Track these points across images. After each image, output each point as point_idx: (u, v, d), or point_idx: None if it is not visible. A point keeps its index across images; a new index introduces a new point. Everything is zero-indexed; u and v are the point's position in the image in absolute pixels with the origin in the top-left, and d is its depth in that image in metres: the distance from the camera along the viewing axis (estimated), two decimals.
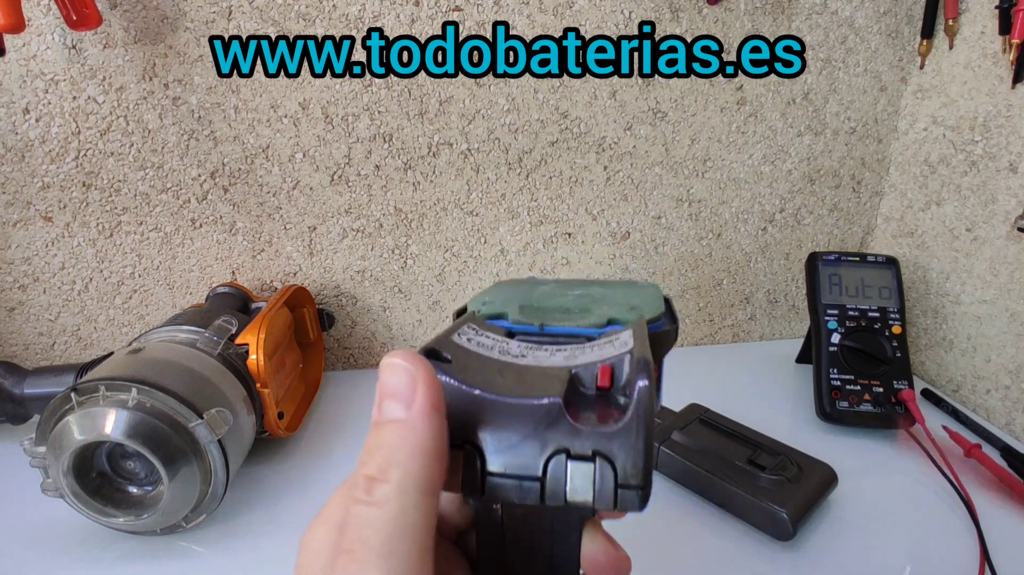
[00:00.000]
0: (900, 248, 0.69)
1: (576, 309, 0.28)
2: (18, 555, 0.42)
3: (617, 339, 0.22)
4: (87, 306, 0.61)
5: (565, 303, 0.29)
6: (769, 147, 0.67)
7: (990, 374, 0.60)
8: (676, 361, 0.72)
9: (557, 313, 0.27)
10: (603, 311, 0.27)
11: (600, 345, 0.22)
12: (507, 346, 0.23)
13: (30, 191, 0.56)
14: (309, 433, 0.56)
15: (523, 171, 0.63)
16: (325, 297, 0.65)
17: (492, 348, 0.22)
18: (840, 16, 0.63)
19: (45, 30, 0.52)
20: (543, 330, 0.25)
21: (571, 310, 0.28)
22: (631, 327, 0.24)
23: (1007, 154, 0.57)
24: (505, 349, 0.22)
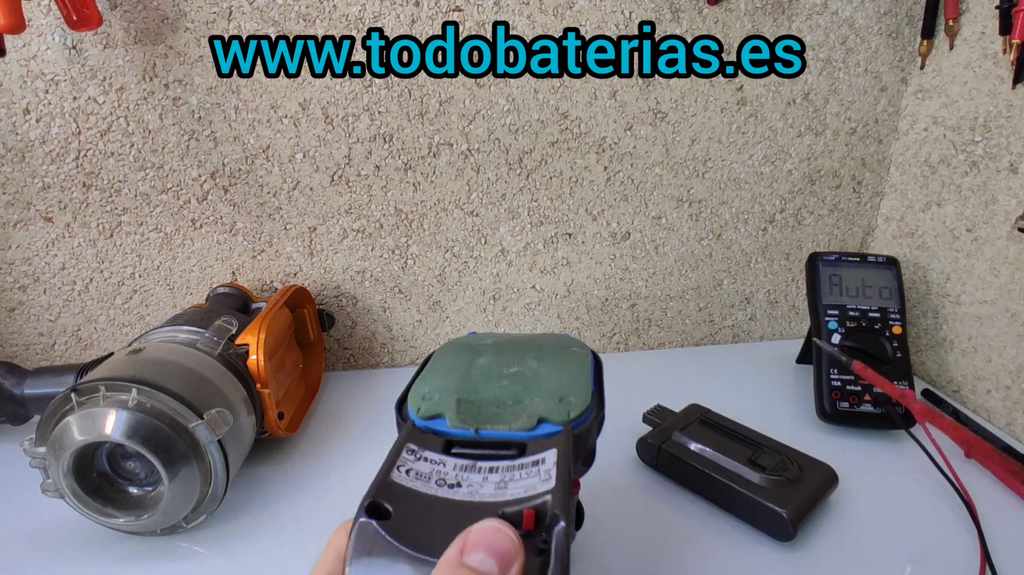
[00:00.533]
0: (900, 248, 0.69)
1: (509, 401, 0.31)
2: (18, 556, 0.42)
3: (543, 460, 0.26)
4: (87, 306, 0.61)
5: (498, 392, 0.32)
6: (769, 147, 0.67)
7: (991, 374, 0.60)
8: (676, 361, 0.72)
9: (492, 408, 0.31)
10: (535, 405, 0.30)
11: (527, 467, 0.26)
12: (444, 471, 0.26)
13: (30, 191, 0.56)
14: (309, 433, 0.56)
15: (523, 171, 0.63)
16: (325, 297, 0.65)
17: (430, 479, 0.25)
18: (840, 16, 0.63)
19: (45, 30, 0.52)
20: (478, 434, 0.28)
21: (504, 403, 0.31)
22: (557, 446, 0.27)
23: (1008, 154, 0.57)
24: (442, 476, 0.25)
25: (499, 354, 0.36)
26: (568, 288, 0.69)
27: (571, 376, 0.34)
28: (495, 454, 0.27)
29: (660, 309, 0.72)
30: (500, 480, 0.25)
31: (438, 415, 0.30)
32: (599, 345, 0.72)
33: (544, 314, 0.69)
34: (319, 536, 0.46)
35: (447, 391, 0.32)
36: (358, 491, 0.51)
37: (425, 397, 0.32)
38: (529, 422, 0.29)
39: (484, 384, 0.33)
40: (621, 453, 0.53)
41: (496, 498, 0.24)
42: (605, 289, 0.70)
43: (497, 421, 0.30)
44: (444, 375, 0.34)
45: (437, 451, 0.27)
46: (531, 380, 0.33)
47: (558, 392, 0.32)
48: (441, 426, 0.29)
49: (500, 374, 0.34)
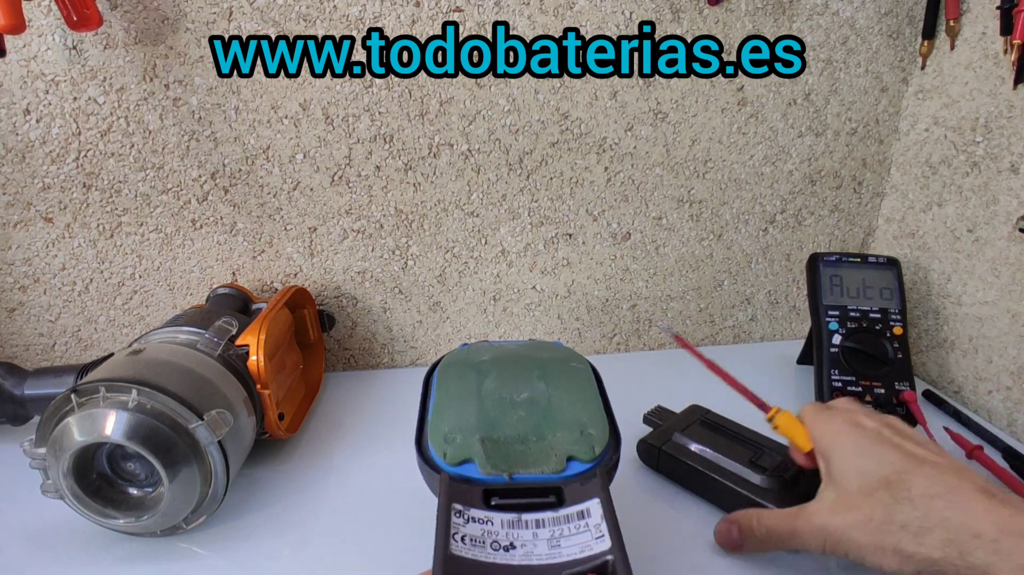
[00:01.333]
0: (901, 249, 0.69)
1: (532, 436, 0.33)
2: (18, 556, 0.42)
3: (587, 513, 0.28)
4: (87, 307, 0.61)
5: (519, 427, 0.33)
6: (770, 148, 0.67)
7: (992, 375, 0.59)
8: (677, 362, 0.72)
9: (517, 446, 0.32)
10: (558, 441, 0.32)
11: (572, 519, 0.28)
12: (494, 531, 0.27)
13: (31, 192, 0.56)
14: (310, 434, 0.56)
15: (524, 172, 0.63)
16: (325, 298, 0.65)
17: (484, 543, 0.26)
18: (841, 17, 0.63)
19: (46, 31, 0.52)
20: (512, 479, 0.30)
21: (528, 438, 0.32)
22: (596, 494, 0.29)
23: (1008, 155, 0.57)
24: (496, 539, 0.27)
25: (503, 375, 0.37)
26: (569, 289, 0.69)
27: (583, 401, 0.36)
28: (536, 503, 0.28)
29: (661, 310, 0.72)
30: (551, 537, 0.27)
31: (467, 459, 0.31)
32: (599, 345, 0.72)
33: (544, 314, 0.69)
34: (320, 537, 0.46)
35: (468, 430, 0.33)
36: (358, 492, 0.51)
37: (447, 439, 0.32)
38: (559, 463, 0.31)
39: (502, 417, 0.34)
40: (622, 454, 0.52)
41: (554, 559, 0.26)
42: (606, 289, 0.70)
43: (527, 463, 0.31)
44: (458, 408, 0.35)
45: (480, 506, 0.28)
46: (546, 409, 0.34)
47: (577, 423, 0.34)
48: (473, 472, 0.30)
49: (513, 402, 0.35)
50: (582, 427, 0.33)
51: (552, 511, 0.28)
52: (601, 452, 0.32)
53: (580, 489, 0.29)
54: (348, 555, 0.43)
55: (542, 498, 0.29)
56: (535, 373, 0.37)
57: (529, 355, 0.40)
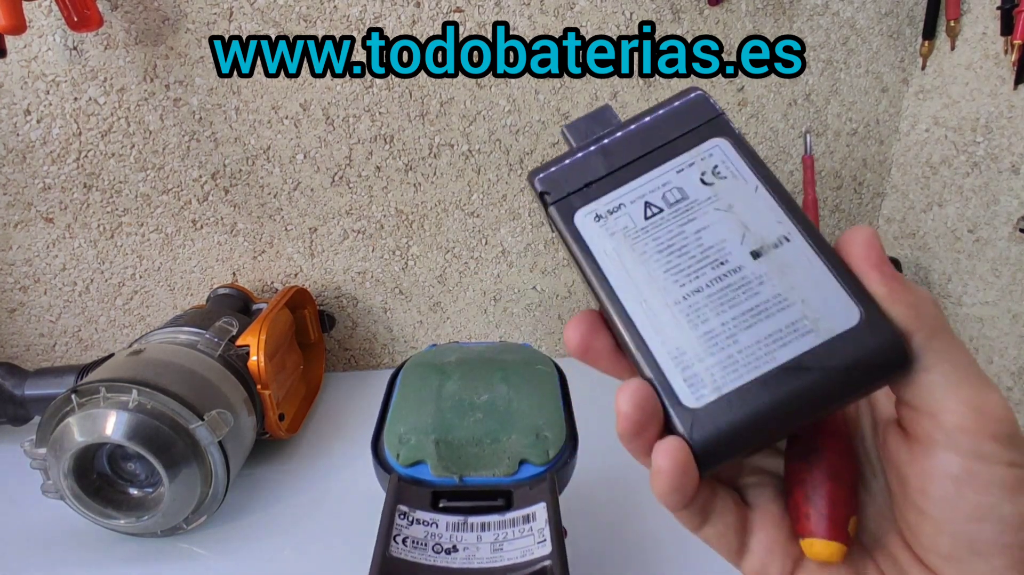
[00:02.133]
0: (902, 249, 0.69)
1: (486, 439, 0.32)
2: (18, 557, 0.42)
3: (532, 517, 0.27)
4: (88, 307, 0.61)
5: (474, 430, 0.32)
6: (771, 148, 0.67)
7: (992, 375, 0.59)
8: None
9: (471, 448, 0.31)
10: (513, 444, 0.31)
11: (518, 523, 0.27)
12: (438, 533, 0.27)
13: (31, 192, 0.56)
14: (310, 434, 0.56)
15: (524, 172, 0.63)
16: (326, 298, 0.65)
17: (426, 546, 0.26)
18: (842, 17, 0.63)
19: (46, 31, 0.52)
20: (463, 481, 0.30)
21: (482, 441, 0.31)
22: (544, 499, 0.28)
23: (1009, 155, 0.57)
24: (438, 541, 0.26)
25: (466, 377, 0.37)
26: (569, 289, 0.69)
27: (543, 405, 0.34)
28: (483, 506, 0.28)
29: None
30: (494, 540, 0.26)
31: (419, 461, 0.31)
32: None
33: (545, 315, 0.69)
34: (320, 537, 0.46)
35: (423, 431, 0.32)
36: (359, 492, 0.51)
37: (402, 439, 0.32)
38: (511, 466, 0.30)
39: (458, 420, 0.33)
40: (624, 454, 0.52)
41: (494, 563, 0.25)
42: None
43: (479, 466, 0.30)
44: (416, 409, 0.34)
45: (427, 509, 0.28)
46: (504, 413, 0.34)
47: (533, 427, 0.32)
48: (424, 473, 0.30)
49: (472, 404, 0.34)
50: (538, 430, 0.33)
51: (499, 515, 0.28)
52: (555, 455, 0.32)
53: (529, 493, 0.29)
54: (349, 555, 0.43)
55: (490, 501, 0.28)
56: (498, 375, 0.37)
57: (494, 357, 0.40)
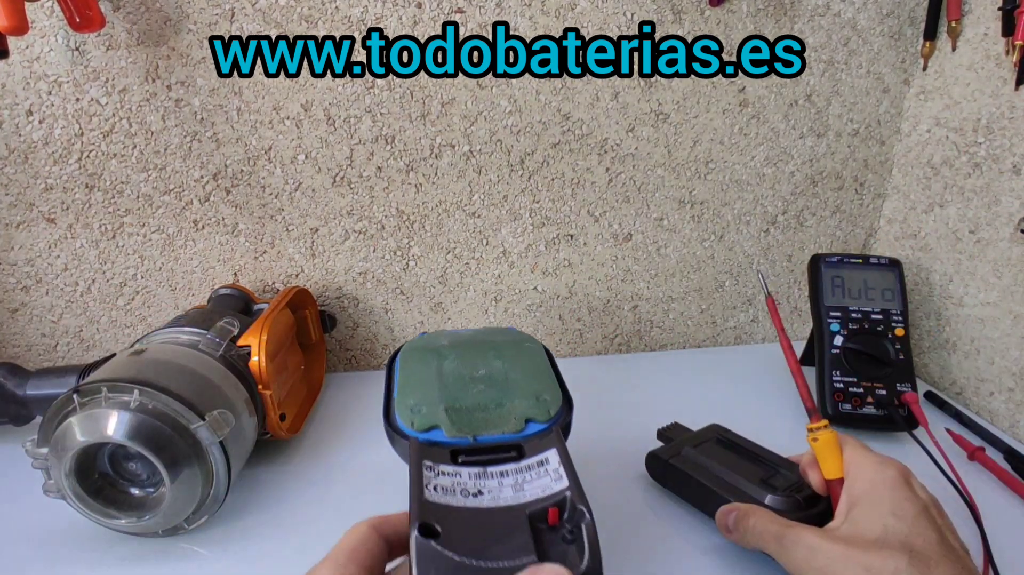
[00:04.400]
0: (903, 250, 0.69)
1: (491, 404, 0.35)
2: (19, 557, 0.42)
3: (546, 460, 0.30)
4: (90, 307, 0.61)
5: (480, 397, 0.35)
6: (771, 149, 0.67)
7: (994, 376, 0.59)
8: (679, 363, 0.72)
9: (479, 413, 0.34)
10: (516, 407, 0.35)
11: (534, 467, 0.30)
12: (463, 481, 0.29)
13: (33, 193, 0.57)
14: (311, 435, 0.56)
15: (525, 173, 0.63)
16: (327, 299, 0.65)
17: (455, 490, 0.28)
18: (843, 18, 0.63)
19: (48, 32, 0.52)
20: (476, 440, 0.32)
21: (488, 407, 0.35)
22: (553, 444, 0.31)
23: (1010, 156, 0.56)
24: (464, 487, 0.28)
25: (461, 356, 0.39)
26: (570, 290, 0.69)
27: (537, 374, 0.38)
28: (498, 458, 0.30)
29: (662, 311, 0.72)
30: (514, 483, 0.29)
31: (434, 426, 0.33)
32: (601, 346, 0.72)
33: (546, 315, 0.69)
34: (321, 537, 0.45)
35: (432, 402, 0.35)
36: (359, 492, 0.51)
37: (414, 410, 0.34)
38: (518, 424, 0.33)
39: (463, 392, 0.36)
40: (630, 467, 0.51)
41: (519, 500, 0.27)
42: (607, 290, 0.70)
43: (489, 427, 0.33)
44: (421, 385, 0.36)
45: (448, 463, 0.30)
46: (503, 383, 0.37)
47: (533, 391, 0.36)
48: (439, 436, 0.32)
49: (472, 378, 0.37)
50: (537, 394, 0.36)
51: (514, 463, 0.30)
52: (556, 414, 0.35)
53: (538, 444, 0.31)
54: None
55: (504, 454, 0.31)
56: (491, 353, 0.40)
57: (484, 339, 0.43)
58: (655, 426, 0.53)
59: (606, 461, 0.52)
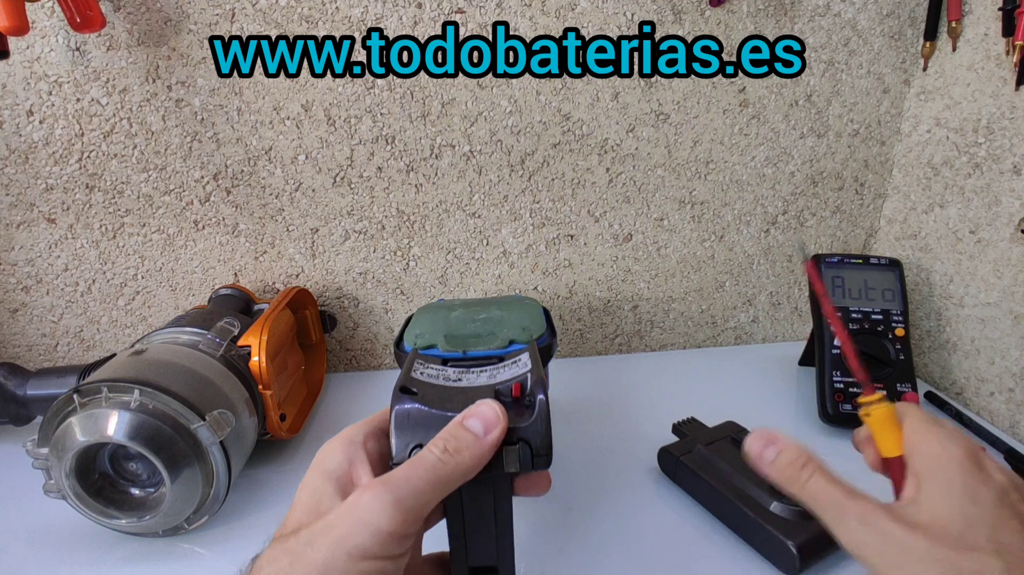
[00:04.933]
0: (903, 250, 0.69)
1: (484, 333, 0.41)
2: (20, 556, 0.42)
3: (519, 360, 0.34)
4: (90, 307, 0.61)
5: (475, 329, 0.41)
6: (772, 149, 0.67)
7: (994, 377, 0.59)
8: (678, 363, 0.72)
9: (472, 338, 0.40)
10: (504, 334, 0.40)
11: (508, 365, 0.34)
12: (447, 373, 0.34)
13: (33, 193, 0.57)
14: (311, 435, 0.56)
15: (525, 173, 0.63)
16: (327, 299, 0.65)
17: (438, 377, 0.33)
18: (843, 18, 0.63)
19: (49, 32, 0.52)
20: (466, 354, 0.37)
21: (481, 335, 0.40)
22: (527, 350, 0.36)
23: (1011, 156, 0.56)
24: (447, 376, 0.33)
25: (468, 308, 0.46)
26: (570, 290, 0.69)
27: (528, 315, 0.44)
28: (478, 362, 0.35)
29: (662, 311, 0.72)
30: (489, 375, 0.33)
31: (432, 346, 0.39)
32: (601, 347, 0.72)
33: None
34: None
35: (435, 331, 0.41)
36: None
37: (418, 336, 0.40)
38: (502, 343, 0.39)
39: (462, 325, 0.42)
40: (644, 461, 0.52)
41: (489, 383, 0.32)
42: (607, 291, 0.70)
43: (478, 346, 0.39)
44: (429, 322, 0.43)
45: (438, 364, 0.35)
46: (497, 322, 0.43)
47: (520, 325, 0.42)
48: (435, 352, 0.38)
49: (473, 319, 0.43)
50: (524, 326, 0.41)
51: (493, 365, 0.34)
52: (538, 338, 0.40)
53: (517, 354, 0.36)
54: None
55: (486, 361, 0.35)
56: (492, 306, 0.46)
57: (491, 300, 0.50)
58: (660, 424, 0.53)
59: (616, 456, 0.53)
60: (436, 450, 0.27)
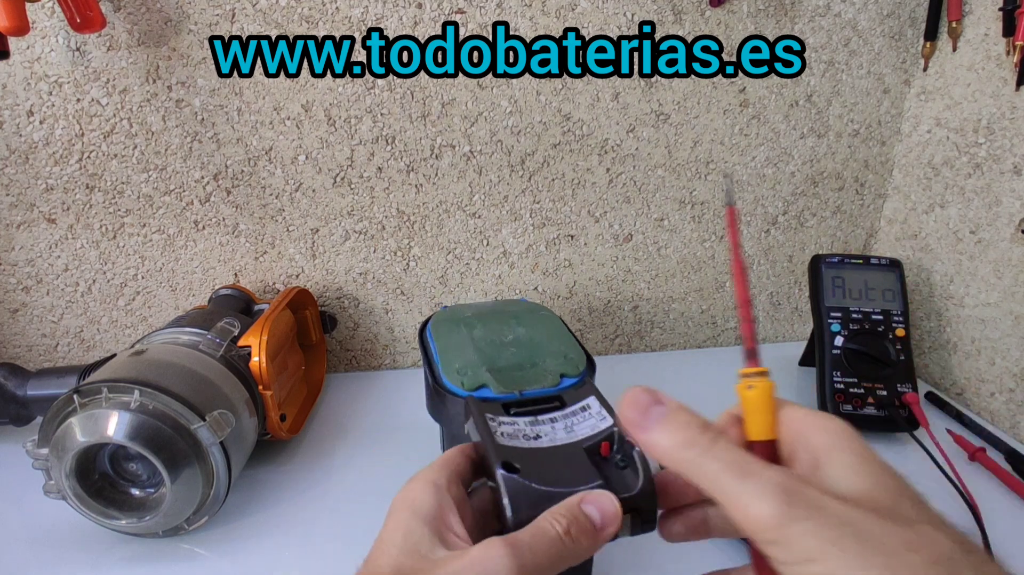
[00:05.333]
0: (904, 251, 0.69)
1: (526, 364, 0.42)
2: (20, 557, 0.42)
3: (588, 407, 0.35)
4: (90, 308, 0.61)
5: (514, 358, 0.42)
6: (772, 149, 0.67)
7: (994, 377, 0.59)
8: (679, 364, 0.72)
9: (517, 372, 0.40)
10: (548, 365, 0.41)
11: (578, 413, 0.34)
12: (523, 428, 0.33)
13: (34, 193, 0.57)
14: (311, 436, 0.56)
15: (525, 173, 0.63)
16: (327, 299, 0.65)
17: (518, 435, 0.32)
18: (843, 18, 0.63)
19: (49, 33, 0.52)
20: (523, 395, 0.38)
21: (523, 366, 0.41)
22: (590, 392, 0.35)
23: (1011, 156, 0.56)
24: (526, 433, 0.33)
25: (487, 325, 0.46)
26: (570, 290, 0.69)
27: (558, 337, 0.44)
28: (543, 408, 0.35)
29: (662, 311, 0.72)
30: (565, 426, 0.33)
31: (482, 385, 0.39)
32: (601, 347, 0.72)
33: None
34: (321, 538, 0.46)
35: (475, 365, 0.40)
36: (360, 493, 0.51)
37: (460, 372, 0.40)
38: (555, 379, 0.39)
39: (498, 354, 0.42)
40: None
41: (572, 439, 0.32)
42: (607, 291, 0.70)
43: (530, 383, 0.39)
44: (460, 351, 0.42)
45: (503, 414, 0.34)
46: (530, 345, 0.43)
47: (559, 351, 0.42)
48: (489, 393, 0.38)
49: (502, 343, 0.43)
50: (564, 353, 0.42)
51: (559, 411, 0.35)
52: (584, 368, 0.41)
53: (576, 394, 0.36)
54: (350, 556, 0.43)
55: (548, 404, 0.35)
56: (512, 321, 0.46)
57: (503, 310, 0.49)
58: None
59: None
60: (559, 528, 0.27)
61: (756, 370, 0.29)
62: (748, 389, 0.29)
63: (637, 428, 0.27)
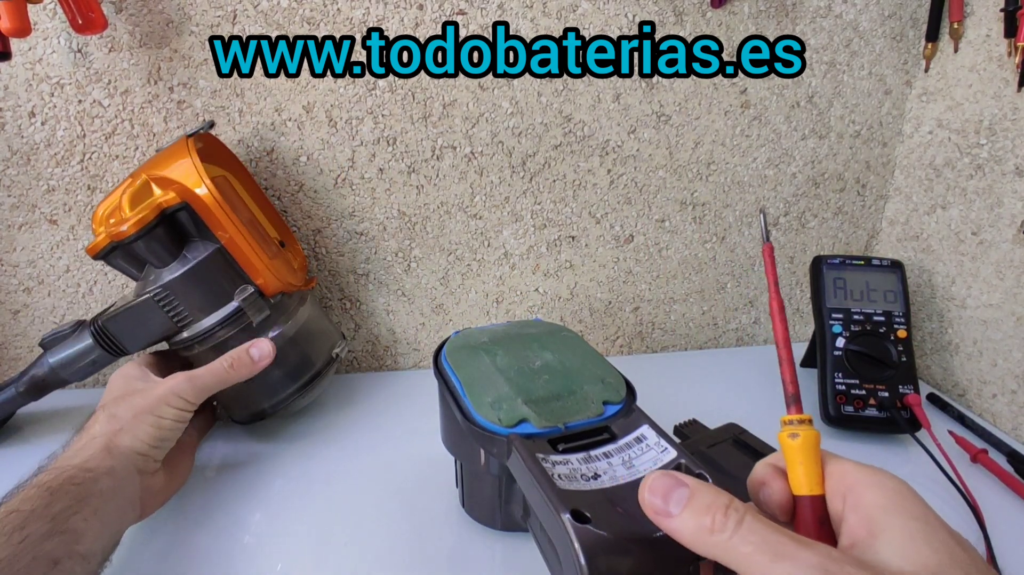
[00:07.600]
0: (905, 252, 0.69)
1: (563, 393, 0.37)
2: None
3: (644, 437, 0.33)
4: (92, 309, 0.61)
5: (548, 388, 0.37)
6: (773, 150, 0.67)
7: (996, 378, 0.59)
8: (680, 364, 0.72)
9: (555, 402, 0.36)
10: (587, 392, 0.37)
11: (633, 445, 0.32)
12: (577, 467, 0.31)
13: (35, 194, 0.57)
14: (312, 437, 0.56)
15: (527, 174, 0.63)
16: (329, 300, 0.65)
17: (575, 477, 0.30)
18: (844, 19, 0.63)
19: (51, 34, 0.52)
20: (568, 428, 0.34)
21: (560, 395, 0.37)
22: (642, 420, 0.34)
23: (1013, 157, 0.56)
24: (583, 472, 0.30)
25: (509, 351, 0.41)
26: (571, 291, 0.69)
27: (589, 360, 0.41)
28: (595, 441, 0.33)
29: (664, 312, 0.72)
30: (623, 461, 0.31)
31: (522, 420, 0.35)
32: (602, 348, 0.72)
33: (547, 317, 0.69)
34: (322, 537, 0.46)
35: (509, 397, 0.36)
36: (361, 494, 0.51)
37: (494, 407, 0.36)
38: (598, 408, 0.36)
39: (530, 383, 0.38)
40: None
41: (635, 476, 0.30)
42: (608, 292, 0.70)
43: (572, 414, 0.35)
44: (488, 383, 0.38)
45: (554, 452, 0.32)
46: (563, 372, 0.39)
47: (595, 376, 0.39)
48: (530, 428, 0.34)
49: (532, 370, 0.39)
50: (601, 378, 0.38)
51: (612, 444, 0.32)
52: (626, 393, 0.38)
53: (624, 423, 0.33)
54: (350, 557, 0.43)
55: (598, 437, 0.33)
56: (535, 345, 0.42)
57: (521, 332, 0.45)
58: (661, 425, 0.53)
59: None
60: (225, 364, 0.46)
61: (799, 417, 0.27)
62: (791, 438, 0.27)
63: (661, 516, 0.25)
